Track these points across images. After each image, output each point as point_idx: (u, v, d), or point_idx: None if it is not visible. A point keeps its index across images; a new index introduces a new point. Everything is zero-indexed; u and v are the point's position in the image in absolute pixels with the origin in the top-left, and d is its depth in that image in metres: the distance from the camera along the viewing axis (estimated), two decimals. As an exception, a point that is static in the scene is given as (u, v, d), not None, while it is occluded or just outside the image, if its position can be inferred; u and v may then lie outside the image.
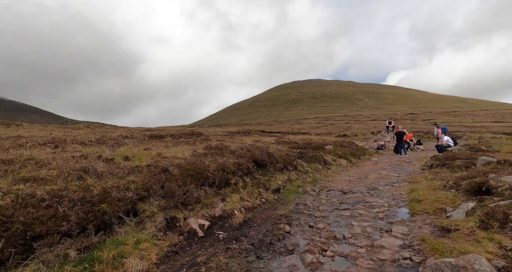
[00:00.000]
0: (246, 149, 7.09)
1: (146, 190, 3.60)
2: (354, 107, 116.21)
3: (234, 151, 6.29)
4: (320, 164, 10.12)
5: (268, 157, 7.46)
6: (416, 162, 11.42)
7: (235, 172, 5.52)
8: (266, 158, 7.15)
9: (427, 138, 27.05)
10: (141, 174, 3.98)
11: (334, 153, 12.69)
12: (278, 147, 9.59)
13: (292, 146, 13.97)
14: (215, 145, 6.31)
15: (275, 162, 7.50)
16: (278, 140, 15.76)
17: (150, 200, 3.59)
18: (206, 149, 6.38)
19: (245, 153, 6.47)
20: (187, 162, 5.07)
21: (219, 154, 5.99)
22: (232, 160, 5.72)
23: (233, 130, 29.48)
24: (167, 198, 3.76)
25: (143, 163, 4.87)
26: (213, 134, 22.65)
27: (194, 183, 4.48)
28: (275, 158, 7.63)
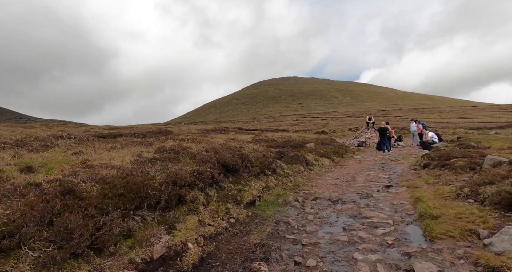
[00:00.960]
0: (213, 151, 5.58)
1: (12, 234, 2.01)
2: (330, 105, 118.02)
3: (195, 154, 4.75)
4: (302, 164, 8.85)
5: (242, 159, 6.01)
6: (403, 160, 10.55)
7: (194, 183, 4.01)
8: (238, 161, 5.70)
9: (403, 134, 27.04)
10: (19, 202, 2.36)
11: (316, 151, 11.53)
12: (254, 146, 8.19)
13: (270, 144, 12.64)
14: (170, 147, 4.72)
15: (250, 165, 6.07)
16: (255, 137, 14.36)
17: (19, 251, 2.00)
18: (158, 152, 4.79)
19: (211, 156, 4.97)
20: (119, 174, 3.48)
21: (173, 159, 4.43)
22: (190, 167, 4.20)
23: (208, 128, 27.68)
24: (61, 242, 2.19)
25: (50, 177, 3.22)
26: (186, 132, 20.79)
27: (124, 206, 2.92)
28: (249, 160, 6.20)
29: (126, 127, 24.39)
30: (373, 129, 18.64)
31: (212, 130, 26.82)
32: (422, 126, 15.44)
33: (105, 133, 15.84)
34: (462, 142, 10.09)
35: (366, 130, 18.67)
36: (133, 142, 6.81)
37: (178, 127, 28.02)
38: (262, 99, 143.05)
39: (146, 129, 16.98)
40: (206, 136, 16.11)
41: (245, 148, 7.62)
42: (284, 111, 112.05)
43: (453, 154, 7.69)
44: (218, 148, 6.34)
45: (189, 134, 16.05)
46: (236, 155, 6.00)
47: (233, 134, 20.13)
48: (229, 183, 5.31)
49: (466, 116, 59.86)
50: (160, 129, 15.96)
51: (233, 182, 5.39)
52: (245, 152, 6.80)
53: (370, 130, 18.52)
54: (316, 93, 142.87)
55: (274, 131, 37.61)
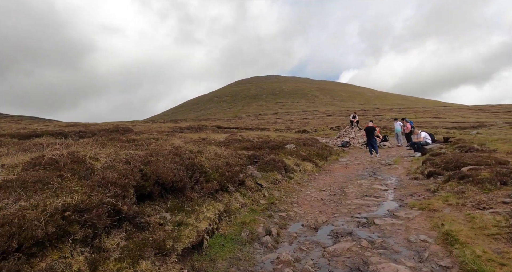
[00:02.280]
0: (143, 161, 3.60)
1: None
2: (311, 104, 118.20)
3: (94, 171, 2.74)
4: (280, 172, 7.05)
5: (192, 172, 4.08)
6: (396, 165, 9.05)
7: (61, 235, 2.03)
8: (183, 176, 3.77)
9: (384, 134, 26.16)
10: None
11: (297, 154, 9.81)
12: (219, 150, 6.26)
13: (245, 145, 10.77)
14: (52, 157, 2.68)
15: (205, 179, 4.16)
16: (229, 137, 12.42)
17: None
18: (29, 166, 2.74)
19: (128, 172, 3.00)
20: None
21: (42, 182, 2.42)
22: (63, 199, 2.21)
23: (183, 126, 25.34)
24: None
25: None
26: (153, 131, 18.43)
27: None
28: (204, 172, 4.28)
29: (85, 125, 21.54)
30: (357, 129, 17.31)
31: (187, 128, 24.59)
32: (410, 125, 14.23)
33: (52, 131, 13.40)
34: (464, 144, 8.75)
35: (350, 130, 17.32)
36: (23, 148, 4.64)
37: (149, 125, 25.45)
38: (244, 97, 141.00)
39: (102, 127, 14.50)
40: (174, 136, 13.97)
41: (204, 152, 5.67)
42: (266, 110, 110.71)
43: (462, 159, 6.19)
44: (160, 155, 4.35)
45: (153, 133, 13.82)
46: (184, 166, 4.05)
47: (207, 133, 18.07)
48: (165, 211, 3.37)
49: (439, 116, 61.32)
50: (118, 127, 13.58)
51: (173, 208, 3.45)
52: (202, 159, 4.86)
53: (354, 129, 17.18)
54: (297, 92, 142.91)
55: (254, 130, 35.83)
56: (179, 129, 22.51)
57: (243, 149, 10.51)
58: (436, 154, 8.20)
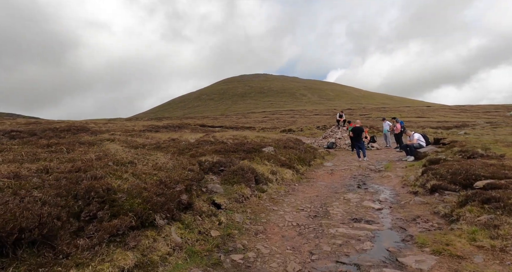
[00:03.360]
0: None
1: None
2: (298, 102, 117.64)
3: None
4: (249, 184, 5.56)
5: (86, 202, 2.53)
6: (389, 172, 7.74)
7: None
8: (56, 214, 2.21)
9: (372, 133, 25.21)
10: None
11: (275, 158, 8.37)
12: (163, 159, 4.67)
13: (216, 148, 9.23)
14: None
15: (110, 212, 2.61)
16: (200, 139, 10.83)
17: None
18: None
19: None
20: None
21: None
22: None
23: (160, 124, 23.43)
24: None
25: None
26: (125, 130, 16.54)
27: None
28: (112, 200, 2.73)
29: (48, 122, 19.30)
30: (344, 129, 16.09)
31: (164, 127, 22.73)
32: (400, 126, 13.08)
33: None
34: (465, 148, 7.55)
35: (337, 130, 16.07)
36: None
37: (122, 124, 23.37)
38: (232, 95, 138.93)
39: (54, 126, 12.54)
40: (140, 136, 12.25)
41: (138, 164, 4.09)
42: (254, 108, 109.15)
43: (472, 170, 4.90)
44: (49, 171, 2.75)
45: (115, 133, 12.04)
46: (72, 194, 2.49)
47: (182, 133, 16.36)
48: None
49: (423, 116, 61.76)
50: (70, 127, 11.68)
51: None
52: (123, 176, 3.30)
53: (341, 129, 15.95)
54: (285, 91, 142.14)
55: (239, 129, 34.26)
56: (154, 128, 20.66)
57: (214, 152, 8.99)
58: (435, 161, 6.94)
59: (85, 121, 21.20)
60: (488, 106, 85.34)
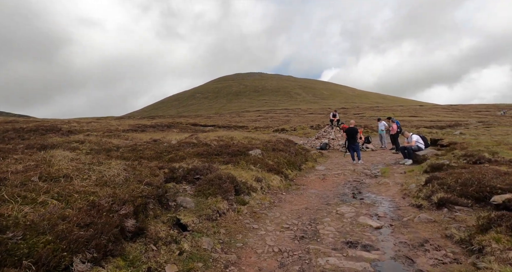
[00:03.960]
0: None
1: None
2: (293, 101, 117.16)
3: None
4: (227, 196, 4.73)
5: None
6: (386, 179, 6.97)
7: None
8: None
9: (366, 133, 24.63)
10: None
11: (262, 162, 7.56)
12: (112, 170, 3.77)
13: (198, 151, 8.40)
14: None
15: None
16: (182, 141, 9.95)
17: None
18: None
19: None
20: None
21: None
22: None
23: (147, 123, 22.41)
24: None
25: None
26: (109, 129, 15.56)
27: None
28: None
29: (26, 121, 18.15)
30: (337, 129, 15.36)
31: (151, 126, 21.75)
32: (396, 126, 12.40)
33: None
34: (469, 152, 6.85)
35: (330, 130, 15.33)
36: None
37: (107, 122, 22.29)
38: (226, 94, 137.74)
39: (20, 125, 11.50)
40: (117, 137, 11.31)
41: (76, 179, 3.22)
42: (248, 107, 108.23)
43: (486, 180, 4.17)
44: None
45: (91, 134, 11.08)
46: None
47: (168, 133, 15.44)
48: None
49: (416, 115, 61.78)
50: (38, 127, 10.67)
51: None
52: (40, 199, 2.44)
53: (334, 130, 15.22)
54: (280, 89, 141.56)
55: (231, 128, 33.39)
56: (141, 128, 19.67)
57: (196, 155, 8.15)
58: (438, 166, 6.21)
59: (68, 120, 20.08)
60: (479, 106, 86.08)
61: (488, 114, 61.84)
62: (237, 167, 7.28)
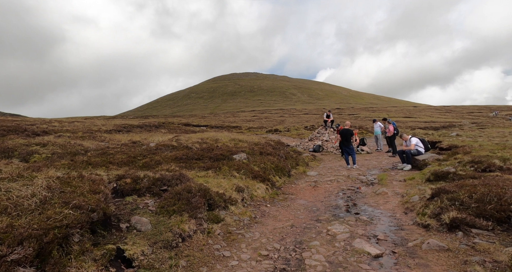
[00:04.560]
0: None
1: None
2: (288, 101, 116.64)
3: None
4: (195, 214, 3.88)
5: None
6: (384, 188, 6.18)
7: None
8: None
9: (361, 134, 24.00)
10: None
11: (247, 168, 6.73)
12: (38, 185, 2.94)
13: (177, 155, 7.55)
14: None
15: None
16: (160, 144, 9.06)
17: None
18: None
19: None
20: None
21: None
22: None
23: (134, 123, 21.39)
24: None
25: None
26: (90, 129, 14.57)
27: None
28: None
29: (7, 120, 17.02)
30: (331, 130, 14.60)
31: (138, 126, 20.77)
32: (393, 127, 11.69)
33: None
34: (476, 158, 6.11)
35: (324, 131, 14.57)
36: None
37: (91, 122, 21.23)
38: (222, 94, 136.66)
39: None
40: (92, 138, 10.37)
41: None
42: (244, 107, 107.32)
43: (509, 197, 3.41)
44: None
45: (63, 135, 10.11)
46: None
47: (152, 134, 14.51)
48: None
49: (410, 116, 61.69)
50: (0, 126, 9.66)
51: None
52: None
53: (328, 131, 14.47)
54: (275, 90, 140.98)
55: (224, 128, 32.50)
56: (126, 128, 18.68)
57: (173, 160, 7.29)
58: (442, 175, 5.46)
59: (50, 120, 18.98)
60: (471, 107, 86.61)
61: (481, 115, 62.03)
62: (219, 173, 6.46)
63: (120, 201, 4.08)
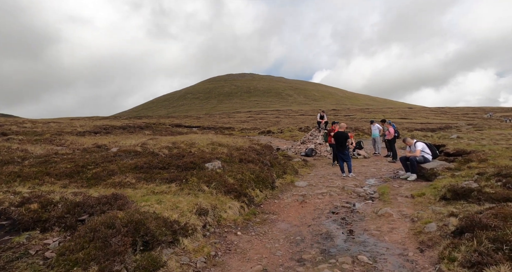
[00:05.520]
0: None
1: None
2: (285, 102, 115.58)
3: None
4: (112, 266, 2.57)
5: None
6: (387, 207, 4.89)
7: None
8: None
9: (357, 136, 22.81)
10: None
11: (220, 180, 5.41)
12: None
13: (138, 163, 6.23)
14: None
15: None
16: (120, 150, 7.70)
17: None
18: None
19: None
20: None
21: None
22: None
23: (117, 124, 19.93)
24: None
25: None
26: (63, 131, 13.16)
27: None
28: None
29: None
30: (325, 132, 13.35)
31: (122, 128, 19.35)
32: (393, 130, 10.46)
33: None
34: (500, 170, 4.86)
35: (317, 134, 13.31)
36: None
37: (70, 122, 19.73)
38: (218, 94, 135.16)
39: None
40: (49, 142, 8.99)
41: None
42: (240, 108, 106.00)
43: None
44: None
45: (12, 139, 8.72)
46: None
47: (129, 136, 13.12)
48: None
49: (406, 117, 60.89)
50: None
51: None
52: None
53: (322, 133, 13.22)
54: (272, 90, 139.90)
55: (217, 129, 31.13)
56: (107, 129, 17.25)
57: (132, 169, 5.97)
58: (463, 192, 4.20)
59: (23, 120, 17.47)
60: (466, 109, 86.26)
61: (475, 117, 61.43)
62: (184, 187, 5.15)
63: (6, 241, 2.75)
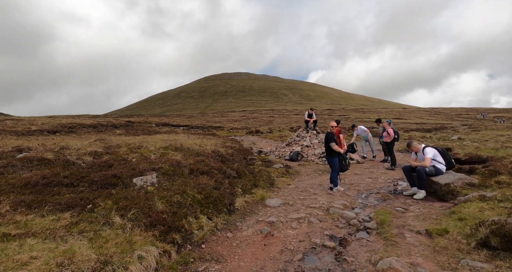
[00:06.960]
0: None
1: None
2: (280, 102, 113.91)
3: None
4: None
5: None
6: (393, 259, 3.14)
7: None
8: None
9: (350, 137, 21.10)
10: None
11: (144, 206, 3.58)
12: None
13: (35, 176, 4.32)
14: None
15: None
16: (29, 156, 5.82)
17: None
18: None
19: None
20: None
21: None
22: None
23: (88, 122, 17.94)
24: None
25: None
26: (16, 130, 11.17)
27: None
28: None
29: None
30: (314, 133, 11.57)
31: (92, 126, 17.35)
32: (392, 131, 8.72)
33: None
34: None
35: (305, 134, 11.53)
36: None
37: (32, 120, 17.68)
38: (213, 93, 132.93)
39: None
40: None
41: None
42: (235, 107, 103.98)
43: None
44: None
45: None
46: None
47: (86, 137, 11.19)
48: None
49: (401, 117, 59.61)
50: None
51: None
52: None
53: (310, 134, 11.43)
54: (267, 90, 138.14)
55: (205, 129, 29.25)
56: (72, 127, 15.26)
57: (22, 186, 4.10)
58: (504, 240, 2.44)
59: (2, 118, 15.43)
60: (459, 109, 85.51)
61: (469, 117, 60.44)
62: (84, 217, 3.32)
63: None
